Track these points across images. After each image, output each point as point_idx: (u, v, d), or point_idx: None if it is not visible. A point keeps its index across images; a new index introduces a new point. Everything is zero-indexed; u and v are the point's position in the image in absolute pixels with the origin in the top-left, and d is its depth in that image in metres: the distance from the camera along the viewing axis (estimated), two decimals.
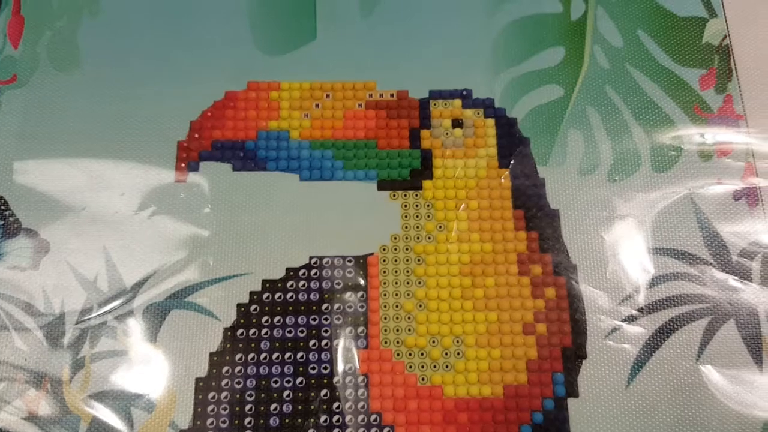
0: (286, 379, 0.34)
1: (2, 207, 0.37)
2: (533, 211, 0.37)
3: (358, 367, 0.34)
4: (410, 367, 0.34)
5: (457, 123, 0.39)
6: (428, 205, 0.38)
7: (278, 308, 0.35)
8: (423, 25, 0.41)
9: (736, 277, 0.36)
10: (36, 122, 0.39)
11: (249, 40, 0.41)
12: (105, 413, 0.33)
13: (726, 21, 0.41)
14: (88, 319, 0.35)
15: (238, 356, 0.34)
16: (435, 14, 0.42)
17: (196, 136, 0.38)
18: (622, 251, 0.36)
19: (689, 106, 0.39)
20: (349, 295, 0.35)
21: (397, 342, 0.35)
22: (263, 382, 0.34)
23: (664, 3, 0.42)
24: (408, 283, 0.36)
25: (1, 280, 0.35)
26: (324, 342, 0.34)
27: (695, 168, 0.38)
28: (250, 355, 0.34)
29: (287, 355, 0.34)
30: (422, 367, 0.34)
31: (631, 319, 0.35)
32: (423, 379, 0.34)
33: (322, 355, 0.34)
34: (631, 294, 0.35)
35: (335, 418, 0.33)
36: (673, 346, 0.35)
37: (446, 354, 0.35)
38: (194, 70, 0.40)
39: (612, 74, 0.40)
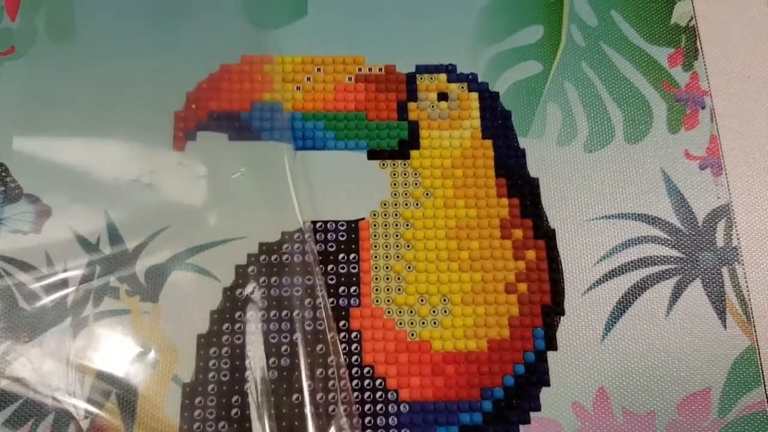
0: (284, 335, 0.35)
1: (3, 173, 0.37)
2: (514, 179, 0.39)
3: (351, 324, 0.36)
4: (400, 323, 0.36)
5: (442, 96, 0.41)
6: (416, 174, 0.39)
7: (274, 269, 0.37)
8: (410, 3, 0.43)
9: (702, 241, 0.38)
10: (35, 92, 0.39)
11: (243, 15, 0.42)
12: (109, 369, 0.34)
13: (692, 3, 0.43)
14: (91, 280, 0.36)
15: (237, 314, 0.36)
16: None
17: (193, 106, 0.39)
18: (597, 216, 0.39)
19: (659, 82, 0.42)
20: (341, 257, 0.37)
21: (388, 300, 0.36)
22: (261, 338, 0.35)
23: None
24: (397, 246, 0.38)
25: (4, 244, 0.36)
26: (318, 301, 0.36)
27: (664, 140, 0.40)
28: (249, 313, 0.36)
29: (284, 312, 0.36)
30: (411, 323, 0.36)
31: (605, 278, 0.37)
32: (412, 335, 0.36)
33: (317, 313, 0.36)
34: (605, 256, 0.37)
35: (330, 371, 0.35)
36: (644, 303, 0.37)
37: (434, 311, 0.36)
38: (190, 43, 0.41)
39: (587, 52, 0.42)
